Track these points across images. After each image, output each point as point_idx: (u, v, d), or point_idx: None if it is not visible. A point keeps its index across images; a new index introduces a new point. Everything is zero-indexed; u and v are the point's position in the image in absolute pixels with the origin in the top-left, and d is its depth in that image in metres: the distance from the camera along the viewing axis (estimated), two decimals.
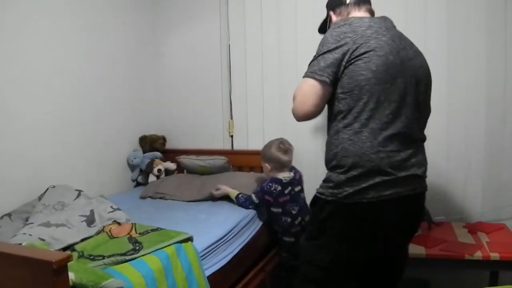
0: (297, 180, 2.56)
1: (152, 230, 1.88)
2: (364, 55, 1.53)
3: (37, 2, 2.32)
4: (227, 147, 3.22)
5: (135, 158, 3.06)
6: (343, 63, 1.55)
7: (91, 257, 1.61)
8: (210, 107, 3.23)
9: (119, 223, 1.99)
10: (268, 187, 2.47)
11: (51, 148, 2.41)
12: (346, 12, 1.78)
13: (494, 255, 2.16)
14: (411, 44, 1.70)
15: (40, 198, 2.14)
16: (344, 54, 1.54)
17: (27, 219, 1.95)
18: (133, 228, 1.89)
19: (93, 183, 2.68)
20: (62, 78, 2.49)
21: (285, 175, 2.51)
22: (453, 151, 2.66)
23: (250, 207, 2.48)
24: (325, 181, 1.66)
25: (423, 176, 1.67)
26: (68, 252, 1.65)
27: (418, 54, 1.71)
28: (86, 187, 2.42)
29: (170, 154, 3.23)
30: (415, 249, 2.28)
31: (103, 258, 1.59)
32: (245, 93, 3.12)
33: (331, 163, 1.63)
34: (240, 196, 2.52)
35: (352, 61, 1.54)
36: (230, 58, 3.16)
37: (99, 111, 2.78)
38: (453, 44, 2.61)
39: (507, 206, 2.61)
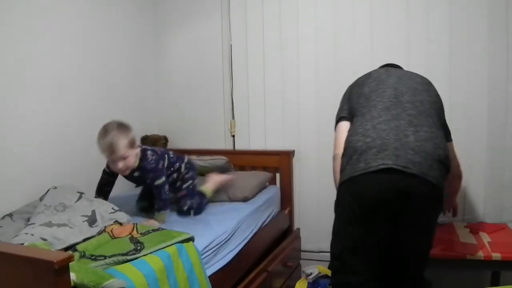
0: None
1: (154, 230, 1.88)
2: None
3: (39, 3, 2.32)
4: (229, 147, 3.23)
5: None
6: None
7: (93, 257, 1.62)
8: (212, 107, 3.23)
9: (120, 223, 1.99)
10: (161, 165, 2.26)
11: (52, 148, 2.41)
12: None
13: (496, 255, 2.16)
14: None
15: (41, 198, 2.14)
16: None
17: (28, 219, 1.95)
18: (135, 228, 1.90)
19: (94, 183, 2.68)
20: (64, 79, 2.49)
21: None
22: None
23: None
24: None
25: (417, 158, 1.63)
26: (70, 252, 1.65)
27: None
28: (88, 187, 2.42)
29: None
30: None
31: (105, 258, 1.59)
32: (246, 93, 3.12)
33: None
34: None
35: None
36: (231, 57, 3.16)
37: (101, 111, 2.77)
38: (455, 46, 2.61)
39: (509, 206, 2.61)
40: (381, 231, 1.69)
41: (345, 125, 1.93)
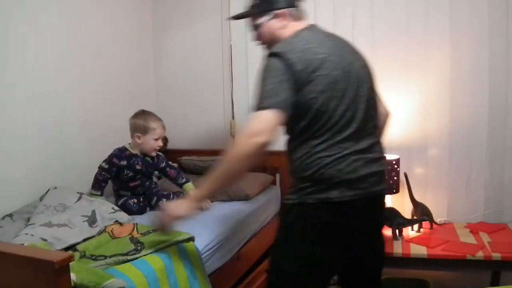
0: None
1: (154, 230, 1.88)
2: (310, 79, 1.51)
3: (34, 5, 2.32)
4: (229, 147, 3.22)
5: None
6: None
7: (93, 257, 1.62)
8: (212, 107, 3.23)
9: (120, 224, 1.99)
10: None
11: (52, 149, 2.41)
12: (291, 18, 1.68)
13: (496, 255, 2.16)
14: (346, 45, 1.67)
15: (41, 199, 2.14)
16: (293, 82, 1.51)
17: (28, 220, 1.95)
18: (135, 228, 1.90)
19: None
20: (63, 78, 2.49)
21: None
22: (456, 152, 2.67)
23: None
24: (290, 187, 1.65)
25: (381, 179, 1.64)
26: (70, 252, 1.65)
27: (356, 55, 1.68)
28: (87, 187, 2.42)
29: (171, 154, 3.23)
30: (417, 249, 2.28)
31: (105, 258, 1.60)
32: (247, 93, 3.12)
33: (296, 173, 1.62)
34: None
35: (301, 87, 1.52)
36: (231, 58, 3.16)
37: (100, 112, 2.78)
38: (456, 46, 2.61)
39: (509, 206, 2.61)
40: (344, 251, 1.62)
41: (279, 119, 1.50)
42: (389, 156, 2.63)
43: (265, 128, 1.49)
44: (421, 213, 2.54)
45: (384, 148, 1.70)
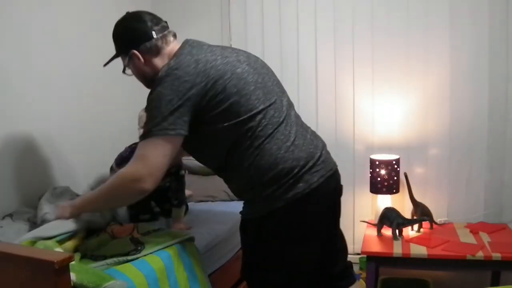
0: None
1: (154, 230, 1.88)
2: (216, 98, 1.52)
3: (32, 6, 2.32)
4: None
5: None
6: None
7: (93, 258, 1.62)
8: None
9: (121, 224, 1.99)
10: None
11: (52, 149, 2.41)
12: (150, 53, 1.75)
13: (496, 255, 2.17)
14: (227, 48, 1.78)
15: (40, 198, 2.14)
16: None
17: (28, 220, 1.95)
18: (135, 229, 1.89)
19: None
20: (63, 79, 2.49)
21: None
22: (456, 152, 2.67)
23: None
24: (248, 202, 1.61)
25: (329, 154, 1.67)
26: (70, 252, 1.65)
27: (243, 52, 1.76)
28: (87, 188, 2.42)
29: None
30: (417, 249, 2.29)
31: (105, 259, 1.60)
32: None
33: (253, 182, 1.55)
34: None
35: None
36: None
37: (101, 112, 2.77)
38: (456, 46, 2.61)
39: (509, 206, 2.61)
40: (325, 239, 1.62)
41: (173, 147, 1.54)
42: (389, 156, 2.64)
43: (151, 171, 1.46)
44: (421, 213, 2.54)
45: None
